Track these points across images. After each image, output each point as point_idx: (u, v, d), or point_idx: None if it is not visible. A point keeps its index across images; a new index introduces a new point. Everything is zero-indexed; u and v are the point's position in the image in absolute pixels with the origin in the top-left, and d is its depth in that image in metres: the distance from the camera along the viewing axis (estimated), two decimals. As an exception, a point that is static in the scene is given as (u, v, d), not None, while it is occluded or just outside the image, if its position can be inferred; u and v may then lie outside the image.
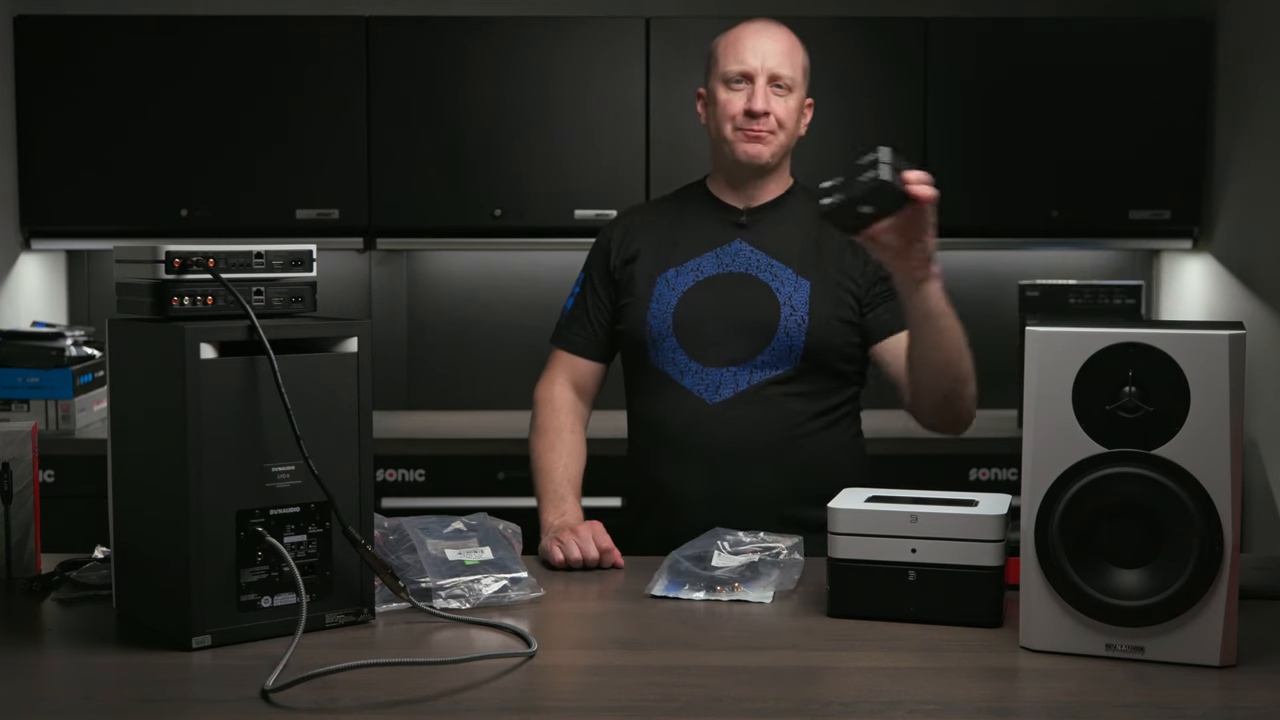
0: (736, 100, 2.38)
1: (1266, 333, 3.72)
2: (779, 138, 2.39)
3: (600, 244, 2.51)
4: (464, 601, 1.93)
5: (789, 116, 2.40)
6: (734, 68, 2.38)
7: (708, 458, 2.34)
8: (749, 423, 2.34)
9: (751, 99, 2.36)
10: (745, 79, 2.37)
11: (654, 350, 2.39)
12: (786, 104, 2.39)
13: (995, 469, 3.82)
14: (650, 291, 2.40)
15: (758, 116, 2.35)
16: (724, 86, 2.39)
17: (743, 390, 2.34)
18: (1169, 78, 4.04)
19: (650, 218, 2.50)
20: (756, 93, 2.35)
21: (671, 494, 2.37)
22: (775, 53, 2.38)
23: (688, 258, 2.42)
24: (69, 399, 3.70)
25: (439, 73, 4.01)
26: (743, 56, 2.37)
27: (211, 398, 1.74)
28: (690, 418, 2.35)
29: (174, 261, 1.80)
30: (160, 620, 1.81)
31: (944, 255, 4.90)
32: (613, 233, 2.51)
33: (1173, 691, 1.60)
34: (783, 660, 1.73)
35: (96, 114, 3.99)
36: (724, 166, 2.45)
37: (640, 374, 2.44)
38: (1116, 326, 1.70)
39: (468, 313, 4.36)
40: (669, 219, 2.48)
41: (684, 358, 2.37)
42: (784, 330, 2.34)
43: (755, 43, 2.38)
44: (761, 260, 2.39)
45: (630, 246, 2.46)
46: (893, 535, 1.87)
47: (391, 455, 3.77)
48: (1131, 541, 1.70)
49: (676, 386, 2.37)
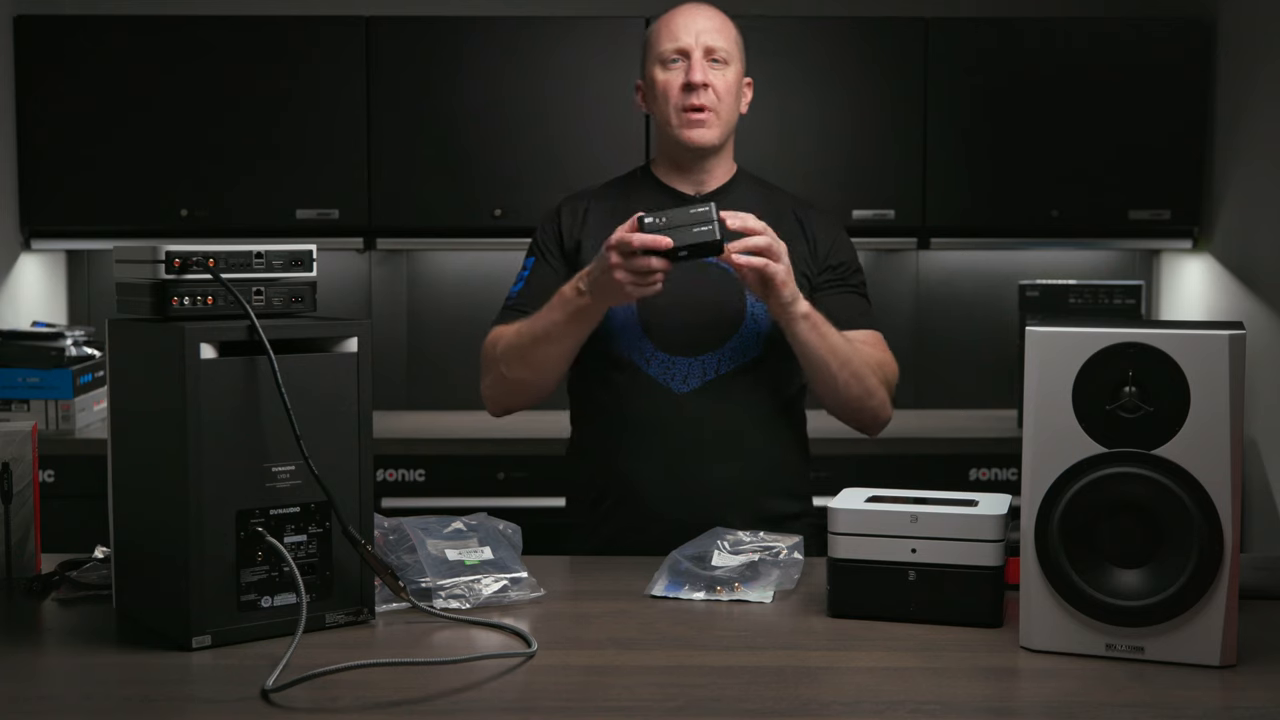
0: (674, 78, 2.35)
1: (1266, 333, 3.72)
2: (721, 115, 2.36)
3: (548, 227, 2.45)
4: (464, 601, 1.93)
5: (728, 90, 2.36)
6: (669, 46, 2.35)
7: (674, 447, 2.31)
8: (716, 412, 2.31)
9: (690, 73, 2.33)
10: (681, 55, 2.35)
11: (616, 339, 2.33)
12: (725, 77, 2.35)
13: (995, 469, 3.82)
14: None
15: (696, 89, 2.32)
16: (660, 67, 2.36)
17: (711, 379, 2.32)
18: (1169, 78, 4.04)
19: (596, 203, 2.44)
20: (694, 66, 2.32)
21: (634, 485, 2.32)
22: (709, 28, 2.36)
23: None
24: (69, 399, 3.70)
25: (439, 73, 4.01)
26: (676, 34, 2.35)
27: (211, 398, 1.74)
28: (657, 407, 2.31)
29: (174, 261, 1.80)
30: (160, 620, 1.81)
31: (944, 255, 4.91)
32: (559, 218, 2.44)
33: (1173, 691, 1.60)
34: (783, 660, 1.73)
35: (96, 114, 3.99)
36: (669, 151, 2.43)
37: (599, 364, 2.36)
38: (1116, 326, 1.70)
39: (468, 313, 4.36)
40: (616, 206, 2.41)
41: (650, 346, 2.33)
42: (751, 316, 2.33)
43: (687, 20, 2.36)
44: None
45: (579, 231, 2.40)
46: (893, 535, 1.87)
47: (391, 455, 3.77)
48: (1131, 541, 1.70)
49: (642, 375, 2.32)
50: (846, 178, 4.03)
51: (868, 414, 2.34)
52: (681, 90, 2.34)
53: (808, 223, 2.42)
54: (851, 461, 3.65)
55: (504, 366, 2.34)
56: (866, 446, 3.66)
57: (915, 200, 4.04)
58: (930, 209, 4.05)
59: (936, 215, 4.06)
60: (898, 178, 4.04)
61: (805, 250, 2.39)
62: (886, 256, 4.36)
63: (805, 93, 4.03)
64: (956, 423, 4.08)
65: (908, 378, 4.40)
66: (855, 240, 4.05)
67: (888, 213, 4.02)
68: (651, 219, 2.08)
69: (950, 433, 3.89)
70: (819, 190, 3.97)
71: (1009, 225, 4.10)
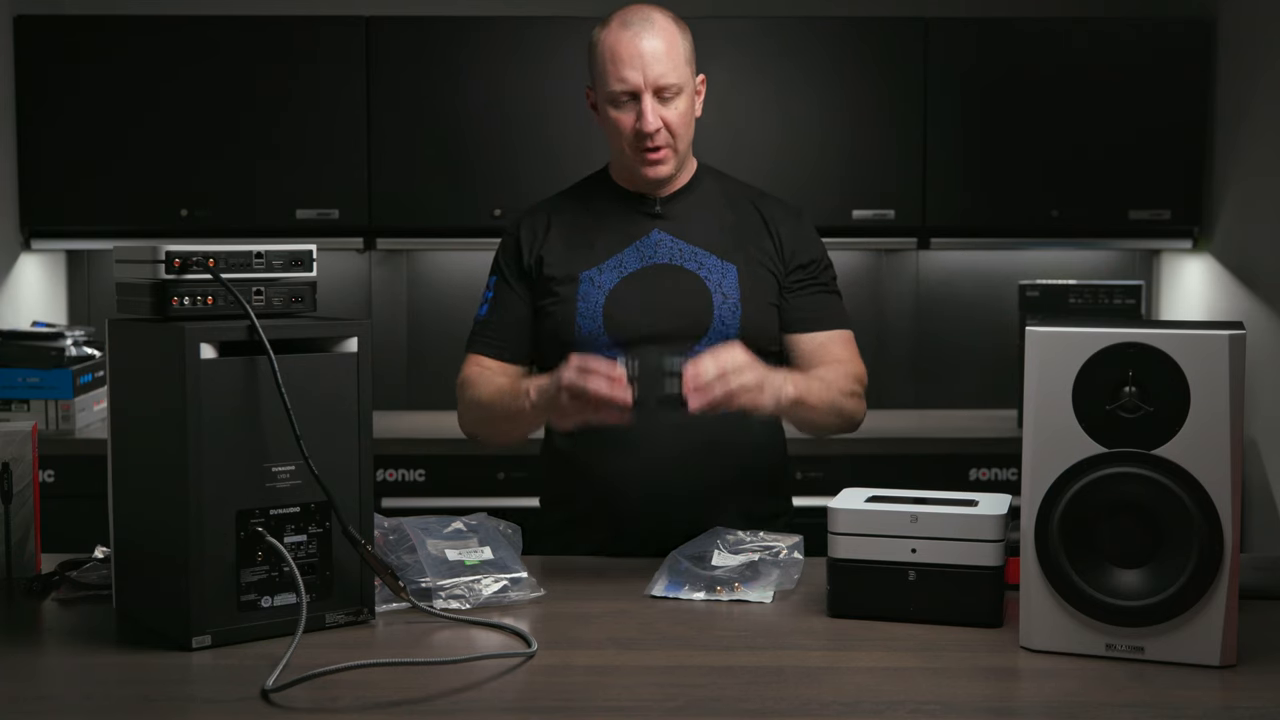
0: (625, 119, 2.28)
1: (1266, 333, 3.72)
2: (678, 147, 2.31)
3: (507, 245, 2.41)
4: (464, 602, 1.93)
5: (681, 122, 2.29)
6: (616, 87, 2.27)
7: (649, 453, 2.28)
8: (690, 417, 2.25)
9: (642, 120, 2.26)
10: (630, 97, 2.27)
11: (584, 348, 2.27)
12: (677, 109, 2.28)
13: (995, 469, 3.82)
14: (574, 292, 2.32)
15: (650, 134, 2.27)
16: (611, 105, 2.29)
17: None
18: (1169, 78, 4.04)
19: (557, 215, 2.40)
20: (645, 112, 2.25)
21: (610, 493, 2.30)
22: (656, 59, 2.25)
23: (608, 254, 2.33)
24: (69, 399, 3.70)
25: (439, 73, 4.01)
26: (623, 74, 2.25)
27: (211, 398, 1.74)
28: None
29: (174, 261, 1.80)
30: (160, 620, 1.81)
31: (944, 255, 4.90)
32: (519, 232, 2.40)
33: (1173, 691, 1.60)
34: (783, 660, 1.73)
35: (96, 114, 3.99)
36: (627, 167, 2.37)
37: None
38: (1116, 326, 1.70)
39: (468, 313, 4.33)
40: (577, 215, 2.38)
41: (620, 355, 2.26)
42: (719, 319, 2.30)
43: (634, 52, 2.25)
44: (684, 249, 2.33)
45: (541, 246, 2.37)
46: (893, 535, 1.87)
47: (391, 455, 3.77)
48: (1131, 541, 1.70)
49: None
50: (846, 178, 4.03)
51: (846, 428, 2.36)
52: (635, 132, 2.28)
53: (771, 218, 2.39)
54: (850, 461, 3.65)
55: (472, 424, 2.37)
56: (866, 447, 3.67)
57: (915, 200, 4.04)
58: (930, 209, 4.05)
59: (936, 215, 4.05)
60: (898, 178, 4.04)
61: (771, 247, 2.36)
62: (886, 256, 4.36)
63: (805, 93, 4.03)
64: (956, 423, 4.07)
65: (908, 377, 4.40)
66: (855, 240, 4.12)
67: (888, 213, 4.02)
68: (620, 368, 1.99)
69: (950, 433, 3.89)
70: (819, 190, 3.98)
71: (1009, 225, 4.10)
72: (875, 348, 4.32)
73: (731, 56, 3.99)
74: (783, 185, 3.68)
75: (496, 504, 3.65)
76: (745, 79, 4.00)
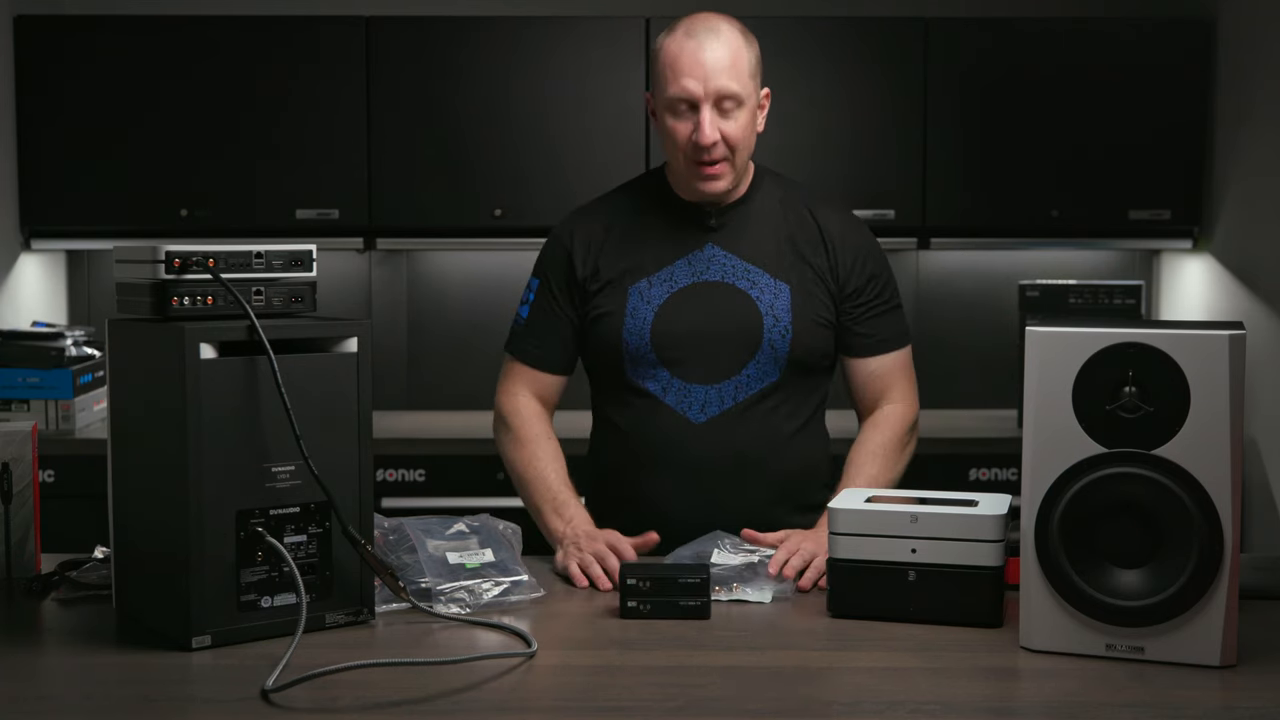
0: (682, 129, 2.22)
1: (1266, 333, 3.72)
2: (735, 163, 2.25)
3: (556, 250, 2.36)
4: (464, 606, 1.93)
5: (742, 135, 2.23)
6: (676, 93, 2.20)
7: (690, 475, 2.28)
8: (735, 440, 2.27)
9: (700, 132, 2.19)
10: (689, 106, 2.21)
11: (631, 365, 2.29)
12: (738, 122, 2.22)
13: (995, 469, 3.82)
14: (624, 305, 2.29)
15: (707, 148, 2.21)
16: (669, 112, 2.23)
17: (728, 408, 2.27)
18: (1169, 78, 4.04)
19: (610, 219, 2.35)
20: (703, 123, 2.19)
21: (648, 509, 2.29)
22: (719, 69, 2.19)
23: (659, 266, 2.30)
24: (69, 399, 3.70)
25: (439, 73, 4.01)
26: (683, 82, 2.19)
27: (211, 398, 1.74)
28: (673, 435, 2.28)
29: (174, 261, 1.80)
30: (160, 620, 1.81)
31: (944, 255, 4.90)
32: (571, 240, 2.35)
33: (1173, 691, 1.60)
34: (783, 660, 1.73)
35: (96, 114, 3.99)
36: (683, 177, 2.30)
37: (615, 387, 2.34)
38: (1116, 326, 1.70)
39: (468, 313, 4.36)
40: (631, 220, 2.34)
41: (665, 374, 2.28)
42: (768, 342, 2.27)
43: (695, 60, 2.19)
44: (737, 266, 2.29)
45: (593, 253, 2.32)
46: (893, 535, 1.87)
47: (391, 455, 3.77)
48: (1131, 541, 1.70)
49: (658, 403, 2.29)
50: (846, 177, 4.03)
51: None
52: (691, 144, 2.22)
53: (827, 231, 2.34)
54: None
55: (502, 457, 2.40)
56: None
57: (915, 200, 4.04)
58: (930, 209, 4.05)
59: (936, 215, 4.05)
60: (898, 178, 4.04)
61: (826, 264, 2.32)
62: (887, 256, 4.36)
63: (805, 93, 4.03)
64: (956, 423, 4.07)
65: (908, 378, 4.40)
66: (855, 240, 4.11)
67: (888, 213, 4.02)
68: (635, 581, 1.91)
69: (950, 433, 3.89)
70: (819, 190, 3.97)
71: (1009, 225, 4.10)
72: (875, 348, 4.32)
73: (731, 56, 3.99)
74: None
75: (497, 504, 3.63)
76: (745, 79, 4.00)
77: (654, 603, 1.90)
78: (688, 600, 1.90)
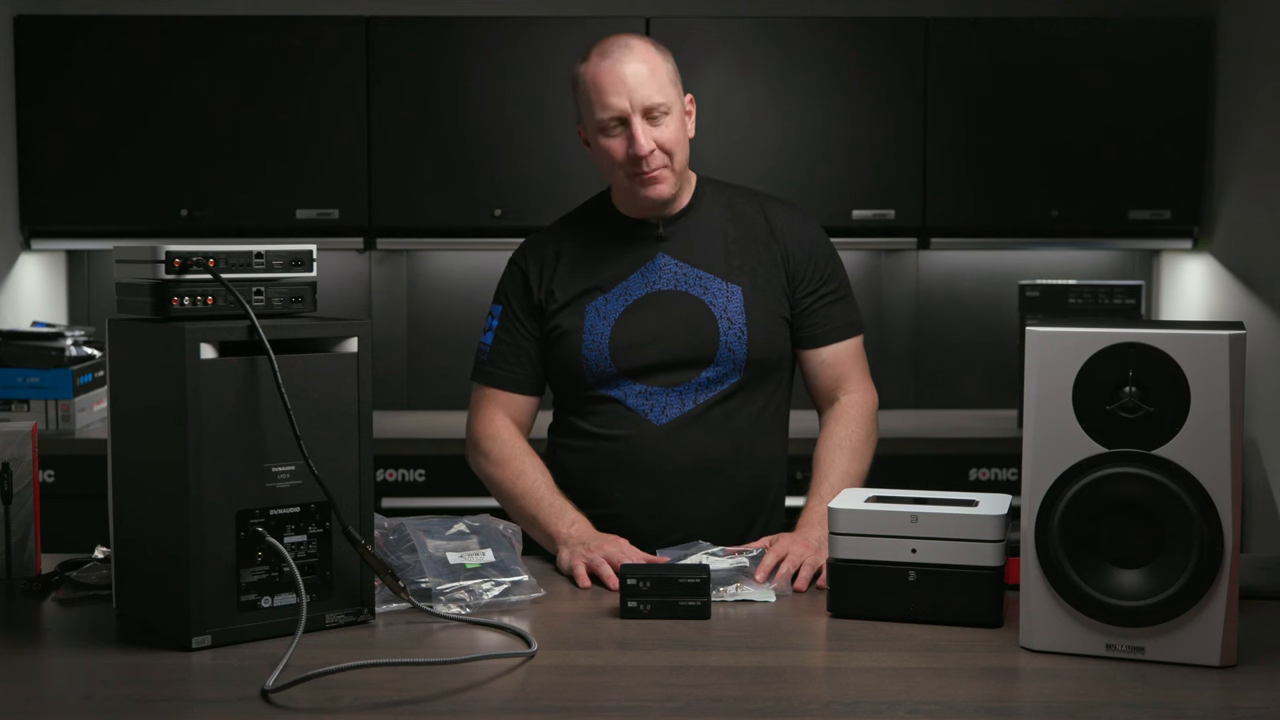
0: (617, 146, 2.26)
1: (1266, 333, 3.72)
2: (674, 166, 2.28)
3: (514, 275, 2.40)
4: (464, 607, 1.93)
5: (675, 140, 2.27)
6: (603, 115, 2.26)
7: (655, 477, 2.29)
8: (697, 443, 2.29)
9: (633, 144, 2.24)
10: (619, 122, 2.26)
11: (592, 378, 2.32)
12: (669, 128, 2.26)
13: (995, 469, 3.82)
14: (581, 323, 2.32)
15: (644, 157, 2.25)
16: (601, 134, 2.28)
17: (689, 410, 2.29)
18: (1169, 78, 4.04)
19: (563, 243, 2.39)
20: (636, 135, 2.23)
21: (615, 513, 2.30)
22: (640, 81, 2.24)
23: (613, 282, 2.33)
24: (69, 399, 3.70)
25: (439, 73, 4.01)
26: (607, 101, 2.25)
27: (211, 398, 1.74)
28: (637, 438, 2.30)
29: (174, 261, 1.80)
30: (160, 620, 1.81)
31: (944, 255, 4.90)
32: (526, 264, 2.39)
33: (1173, 691, 1.60)
34: (783, 660, 1.73)
35: (96, 114, 3.99)
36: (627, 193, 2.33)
37: (578, 398, 2.36)
38: (1116, 326, 1.70)
39: (468, 313, 4.36)
40: (580, 241, 2.38)
41: (627, 382, 2.30)
42: (725, 345, 2.30)
43: (616, 78, 2.24)
44: (689, 273, 2.32)
45: (546, 277, 2.36)
46: (893, 535, 1.87)
47: (391, 455, 3.77)
48: (1131, 541, 1.70)
49: (621, 407, 2.31)
50: (846, 178, 4.03)
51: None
52: (629, 156, 2.26)
53: (777, 225, 2.38)
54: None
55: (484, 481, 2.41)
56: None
57: (915, 200, 4.04)
58: (930, 209, 4.05)
59: (936, 215, 4.05)
60: (898, 178, 4.04)
61: (778, 256, 2.36)
62: (886, 256, 4.36)
63: (805, 93, 4.03)
64: (956, 423, 4.07)
65: (908, 377, 4.40)
66: (855, 240, 4.12)
67: (888, 213, 4.02)
68: (635, 581, 1.92)
69: (950, 433, 3.89)
70: (819, 190, 3.98)
71: (1009, 225, 4.10)
72: (875, 348, 4.31)
73: (731, 56, 3.99)
74: (783, 185, 3.69)
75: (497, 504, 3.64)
76: (745, 79, 4.00)
77: (654, 603, 1.90)
78: (688, 600, 1.90)
